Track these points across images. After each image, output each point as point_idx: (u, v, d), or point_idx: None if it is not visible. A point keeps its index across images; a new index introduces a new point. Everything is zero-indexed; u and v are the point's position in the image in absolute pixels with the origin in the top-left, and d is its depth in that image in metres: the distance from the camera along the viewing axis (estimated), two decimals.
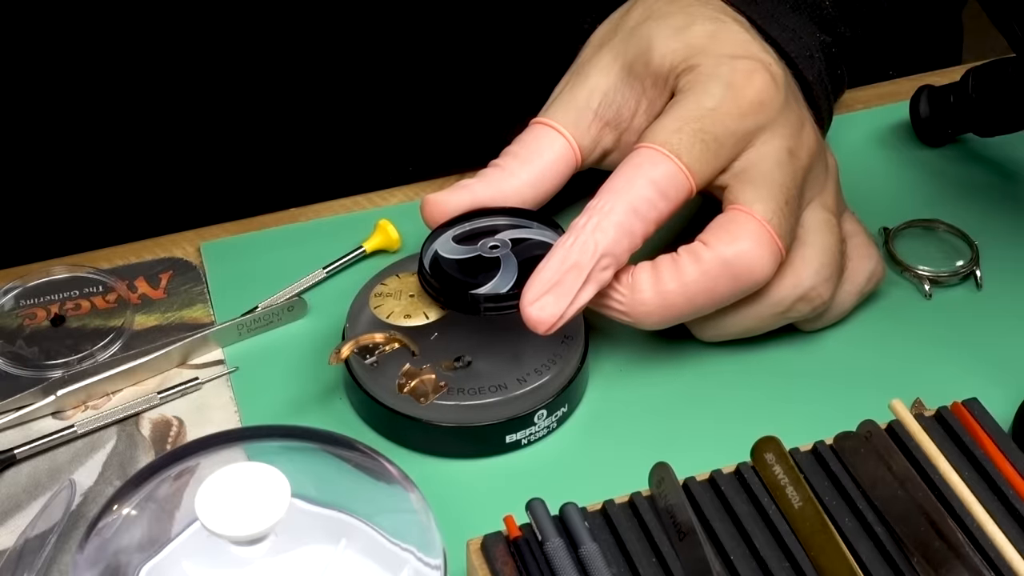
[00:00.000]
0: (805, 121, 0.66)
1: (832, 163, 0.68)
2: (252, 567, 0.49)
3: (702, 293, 0.62)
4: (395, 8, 0.80)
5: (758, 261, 0.62)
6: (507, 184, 0.66)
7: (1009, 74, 0.74)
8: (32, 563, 0.58)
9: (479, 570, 0.52)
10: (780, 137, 0.64)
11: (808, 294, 0.65)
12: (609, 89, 0.67)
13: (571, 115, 0.67)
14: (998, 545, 0.53)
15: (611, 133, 0.67)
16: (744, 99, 0.63)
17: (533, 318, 0.60)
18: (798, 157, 0.64)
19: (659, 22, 0.67)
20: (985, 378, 0.66)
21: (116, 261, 0.72)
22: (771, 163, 0.64)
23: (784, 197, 0.63)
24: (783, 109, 0.64)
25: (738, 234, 0.62)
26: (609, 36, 0.68)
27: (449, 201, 0.65)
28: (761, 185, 0.63)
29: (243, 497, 0.48)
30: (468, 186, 0.66)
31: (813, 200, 0.66)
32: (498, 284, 0.62)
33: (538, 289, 0.60)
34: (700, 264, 0.62)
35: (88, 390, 0.65)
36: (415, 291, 0.65)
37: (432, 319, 0.63)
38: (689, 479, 0.55)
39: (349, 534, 0.50)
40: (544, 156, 0.66)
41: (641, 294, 0.62)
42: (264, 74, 0.80)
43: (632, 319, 0.63)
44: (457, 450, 0.63)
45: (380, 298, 0.65)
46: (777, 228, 0.63)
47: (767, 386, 0.66)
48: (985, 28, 0.71)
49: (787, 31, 0.69)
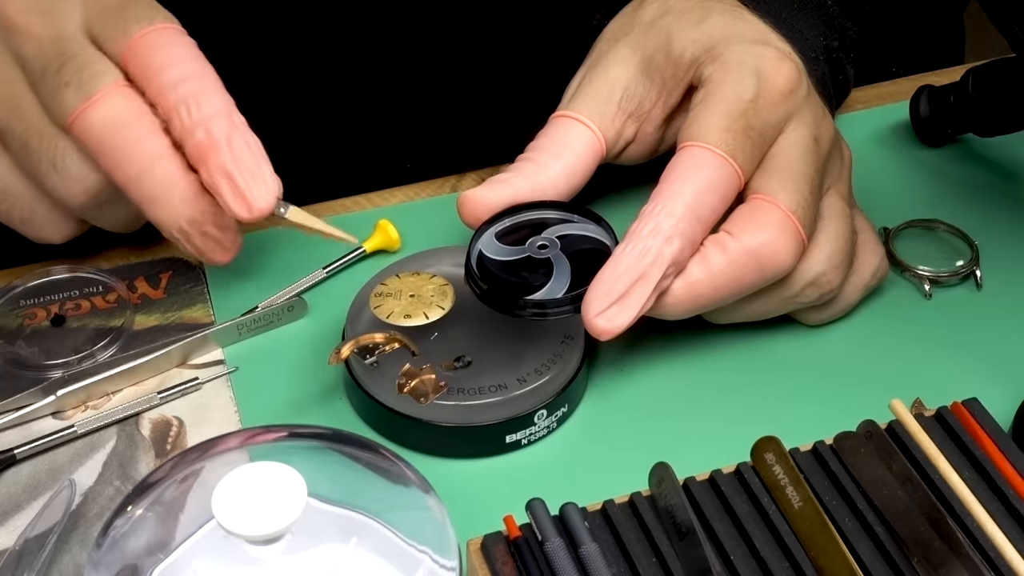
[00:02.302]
0: (824, 110, 0.66)
1: (847, 153, 0.68)
2: (267, 567, 0.49)
3: (729, 283, 0.62)
4: (396, 6, 0.80)
5: (783, 252, 0.62)
6: (543, 176, 0.65)
7: (1009, 74, 0.74)
8: (32, 563, 0.58)
9: (479, 570, 0.52)
10: (806, 125, 0.64)
11: (818, 279, 0.65)
12: (629, 82, 0.67)
13: (596, 107, 0.67)
14: (998, 545, 0.53)
15: (632, 125, 0.67)
16: (776, 87, 0.64)
17: (599, 328, 0.60)
18: (821, 145, 0.65)
19: (677, 17, 0.67)
20: (985, 378, 0.66)
21: (116, 261, 0.72)
22: (797, 152, 0.64)
23: (809, 187, 0.63)
24: (808, 96, 0.65)
25: (764, 224, 0.62)
26: (624, 30, 0.68)
27: (488, 197, 0.64)
28: (787, 176, 0.63)
29: (259, 497, 0.48)
30: (507, 180, 0.65)
31: (829, 188, 0.66)
32: (553, 288, 0.62)
33: (605, 299, 0.60)
34: (727, 254, 0.62)
35: (88, 390, 0.65)
36: (415, 291, 0.65)
37: (432, 319, 0.63)
38: (689, 479, 0.55)
39: (363, 533, 0.51)
40: (575, 148, 0.66)
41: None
42: (263, 74, 0.80)
43: (658, 309, 0.62)
44: (457, 450, 0.63)
45: (380, 298, 0.65)
46: (801, 219, 0.63)
47: (767, 386, 0.66)
48: (985, 28, 0.71)
49: (794, 31, 0.69)
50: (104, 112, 0.61)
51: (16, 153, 0.64)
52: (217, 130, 0.60)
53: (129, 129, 0.61)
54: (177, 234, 0.62)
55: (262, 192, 0.61)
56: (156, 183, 0.61)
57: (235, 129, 0.61)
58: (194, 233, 0.62)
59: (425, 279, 0.65)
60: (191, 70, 0.62)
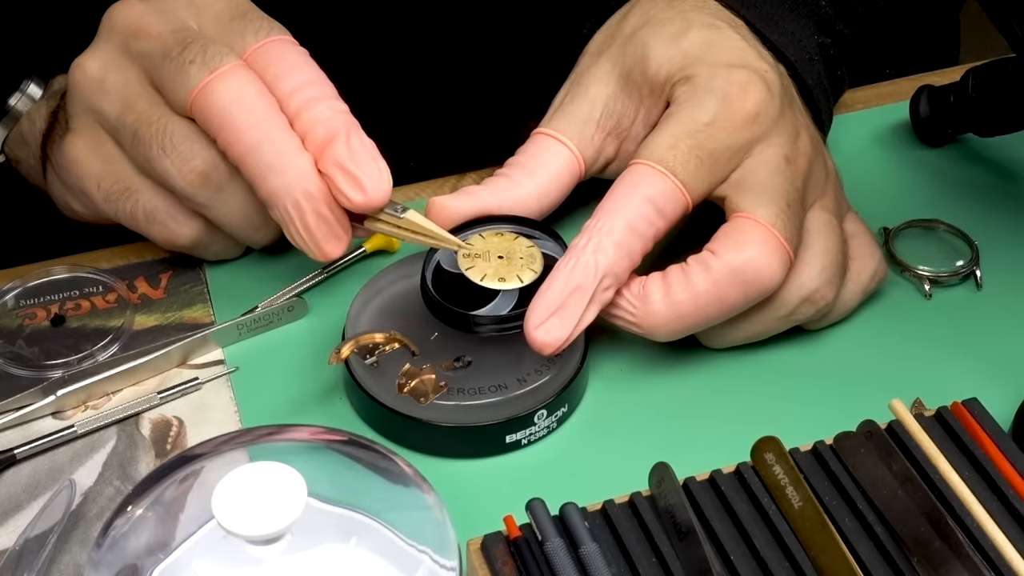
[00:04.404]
0: (800, 128, 0.66)
1: (831, 166, 0.68)
2: (267, 567, 0.49)
3: (713, 302, 0.62)
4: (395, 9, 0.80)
5: (766, 267, 0.62)
6: (514, 194, 0.66)
7: (1009, 74, 0.74)
8: (32, 563, 0.58)
9: (479, 570, 0.52)
10: (776, 147, 0.64)
11: (812, 296, 0.65)
12: (609, 99, 0.67)
13: (574, 126, 0.67)
14: (998, 545, 0.53)
15: (613, 142, 0.68)
16: (739, 112, 0.64)
17: (539, 341, 0.60)
18: (796, 164, 0.64)
19: (655, 28, 0.67)
20: (985, 378, 0.66)
21: (116, 261, 0.72)
22: (768, 171, 0.64)
23: (784, 201, 0.63)
24: (778, 119, 0.65)
25: (745, 241, 0.62)
26: (606, 44, 0.69)
27: (456, 206, 0.65)
28: (761, 192, 0.63)
29: (259, 497, 0.48)
30: (474, 192, 0.66)
31: (814, 203, 0.66)
32: (499, 305, 0.62)
33: (543, 312, 0.60)
34: (710, 273, 0.62)
35: (88, 390, 0.65)
36: (504, 252, 0.64)
37: (526, 283, 0.63)
38: (689, 479, 0.55)
39: (363, 533, 0.51)
40: (550, 167, 0.66)
41: (652, 305, 0.62)
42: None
43: (644, 330, 0.63)
44: (457, 450, 0.63)
45: (470, 259, 0.64)
46: (783, 231, 0.63)
47: (767, 386, 0.66)
48: (985, 28, 0.71)
49: (786, 34, 0.69)
50: (228, 84, 0.62)
51: (129, 147, 0.65)
52: (336, 126, 0.62)
53: (252, 100, 0.62)
54: (292, 210, 0.62)
55: (376, 179, 0.62)
56: (275, 149, 0.62)
57: (353, 128, 0.63)
58: (309, 211, 0.62)
59: (510, 240, 0.65)
60: (309, 77, 0.64)
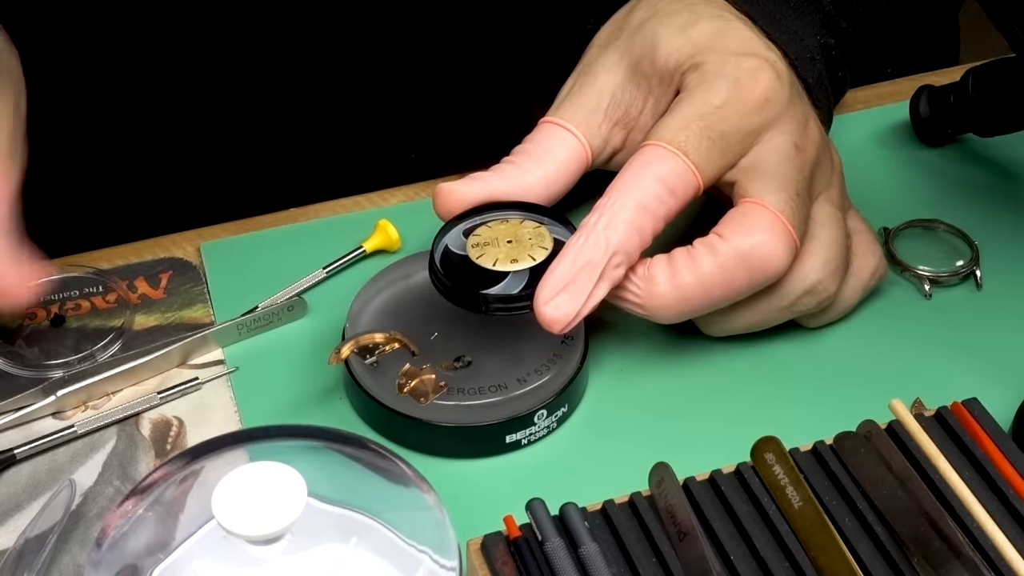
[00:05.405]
0: (809, 117, 0.66)
1: (837, 160, 0.69)
2: (267, 567, 0.49)
3: (718, 285, 0.62)
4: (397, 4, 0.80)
5: (773, 252, 0.62)
6: (522, 181, 0.66)
7: (1009, 74, 0.74)
8: (32, 563, 0.58)
9: (479, 570, 0.52)
10: (786, 133, 0.64)
11: (814, 287, 0.65)
12: (617, 89, 0.67)
13: (582, 115, 0.67)
14: (998, 545, 0.53)
15: (620, 132, 0.67)
16: (750, 97, 0.64)
17: (548, 317, 0.60)
18: (804, 152, 0.65)
19: (663, 20, 0.67)
20: (985, 378, 0.66)
21: (116, 261, 0.72)
22: (778, 158, 0.64)
23: (794, 188, 0.64)
24: (788, 106, 0.65)
25: (753, 226, 0.62)
26: (614, 36, 0.69)
27: (464, 191, 0.65)
28: (770, 178, 0.63)
29: (259, 497, 0.48)
30: (483, 178, 0.65)
31: (819, 195, 0.66)
32: (510, 284, 0.62)
33: (552, 288, 0.60)
34: (716, 256, 0.62)
35: (88, 390, 0.65)
36: (512, 236, 0.64)
37: (539, 260, 0.63)
38: (689, 479, 0.55)
39: (363, 533, 0.50)
40: (557, 155, 0.66)
41: (657, 287, 0.62)
42: (263, 73, 0.80)
43: (648, 312, 0.63)
44: (457, 450, 0.63)
45: (479, 248, 0.64)
46: (790, 218, 0.63)
47: (767, 386, 0.66)
48: (985, 28, 0.71)
49: (788, 32, 0.69)
50: None
51: None
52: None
53: None
54: None
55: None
56: None
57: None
58: None
59: (516, 224, 0.65)
60: None
